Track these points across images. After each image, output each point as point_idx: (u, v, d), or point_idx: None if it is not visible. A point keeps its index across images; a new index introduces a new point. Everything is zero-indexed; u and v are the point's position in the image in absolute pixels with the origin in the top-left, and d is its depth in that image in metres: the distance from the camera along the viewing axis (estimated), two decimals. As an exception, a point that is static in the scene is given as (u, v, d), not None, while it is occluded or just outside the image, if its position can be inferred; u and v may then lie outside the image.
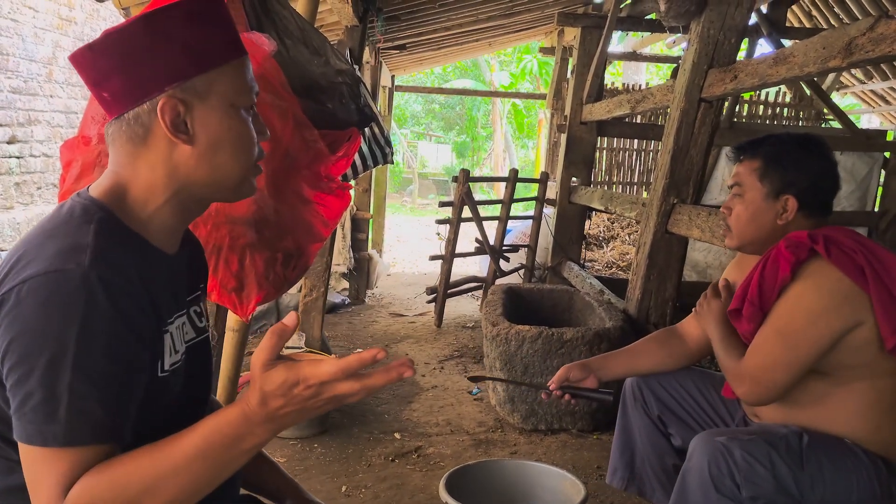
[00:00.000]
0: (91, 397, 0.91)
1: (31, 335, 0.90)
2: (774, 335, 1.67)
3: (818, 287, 1.63)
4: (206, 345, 1.21)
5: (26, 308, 0.90)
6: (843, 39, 2.18)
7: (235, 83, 1.04)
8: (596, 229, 7.66)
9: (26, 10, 5.58)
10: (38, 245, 0.96)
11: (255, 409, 0.90)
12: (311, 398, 0.89)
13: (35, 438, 0.90)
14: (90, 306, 0.91)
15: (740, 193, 1.85)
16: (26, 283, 0.91)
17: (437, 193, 19.48)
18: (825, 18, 7.30)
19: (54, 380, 0.89)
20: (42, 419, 0.90)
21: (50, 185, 6.05)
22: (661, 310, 3.58)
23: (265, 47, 1.75)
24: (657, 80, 16.89)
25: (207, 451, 0.91)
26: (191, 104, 1.01)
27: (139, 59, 0.99)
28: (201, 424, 0.93)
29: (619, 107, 4.52)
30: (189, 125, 1.01)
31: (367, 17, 4.25)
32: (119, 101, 1.00)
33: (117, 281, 0.94)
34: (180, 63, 0.99)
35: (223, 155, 1.04)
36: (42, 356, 0.89)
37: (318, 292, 3.94)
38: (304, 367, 0.88)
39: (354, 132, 2.13)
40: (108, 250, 0.95)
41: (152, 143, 1.02)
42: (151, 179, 1.03)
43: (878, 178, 6.06)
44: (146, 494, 0.90)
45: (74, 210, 1.00)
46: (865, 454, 1.62)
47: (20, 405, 0.91)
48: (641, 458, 2.09)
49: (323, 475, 2.76)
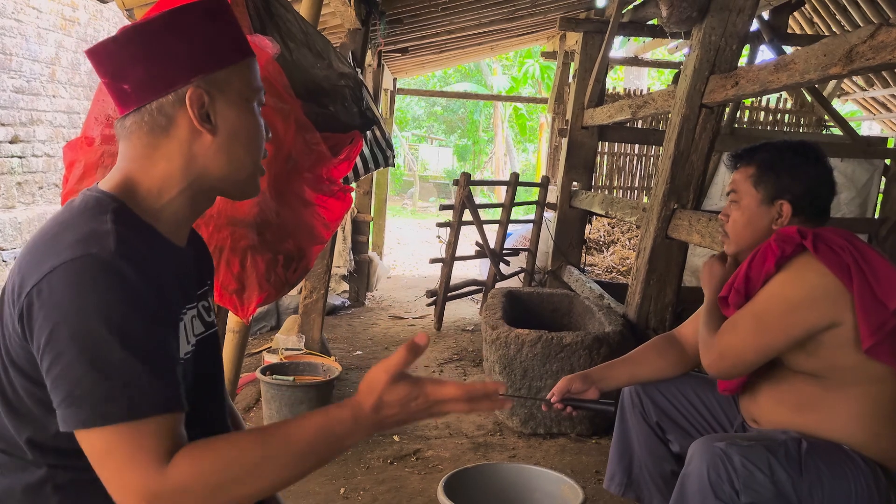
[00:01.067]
0: (143, 371, 0.92)
1: (71, 322, 0.90)
2: (750, 317, 1.71)
3: (800, 279, 1.66)
4: (216, 339, 1.23)
5: (60, 296, 0.91)
6: (844, 47, 2.19)
7: (248, 80, 1.09)
8: (596, 234, 7.66)
9: (30, 11, 5.59)
10: (55, 236, 0.97)
11: (367, 413, 0.97)
12: (419, 410, 0.99)
13: (95, 420, 0.90)
14: (123, 284, 0.92)
15: (736, 200, 1.89)
16: (54, 273, 0.92)
17: (438, 196, 19.50)
18: (827, 25, 7.31)
19: (104, 360, 0.90)
20: (100, 400, 0.90)
21: (52, 185, 6.06)
22: (660, 315, 3.58)
23: (268, 50, 1.76)
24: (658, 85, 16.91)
25: (316, 446, 0.96)
26: (214, 96, 1.05)
27: (164, 51, 1.02)
28: (310, 419, 0.97)
29: (621, 112, 4.52)
30: (212, 116, 1.05)
31: (369, 20, 4.26)
32: (141, 93, 1.03)
33: (141, 260, 0.96)
34: (203, 57, 1.04)
35: (239, 147, 1.08)
36: (86, 340, 0.90)
37: (319, 294, 3.94)
38: (428, 385, 0.98)
39: (356, 135, 2.14)
40: (127, 235, 0.98)
41: (174, 133, 1.05)
42: (168, 170, 1.06)
43: (878, 185, 6.07)
44: (250, 475, 0.94)
45: (88, 202, 1.02)
46: (864, 461, 1.63)
47: (70, 391, 0.91)
48: (639, 463, 2.09)
49: (321, 477, 2.76)
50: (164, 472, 0.91)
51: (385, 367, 0.97)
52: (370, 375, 0.98)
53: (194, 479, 0.91)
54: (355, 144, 2.16)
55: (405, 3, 4.82)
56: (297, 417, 0.98)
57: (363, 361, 4.44)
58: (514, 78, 19.91)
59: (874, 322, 1.57)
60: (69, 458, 0.99)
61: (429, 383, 0.98)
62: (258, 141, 1.11)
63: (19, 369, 0.98)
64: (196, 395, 1.11)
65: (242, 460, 0.94)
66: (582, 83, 5.36)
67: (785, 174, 1.81)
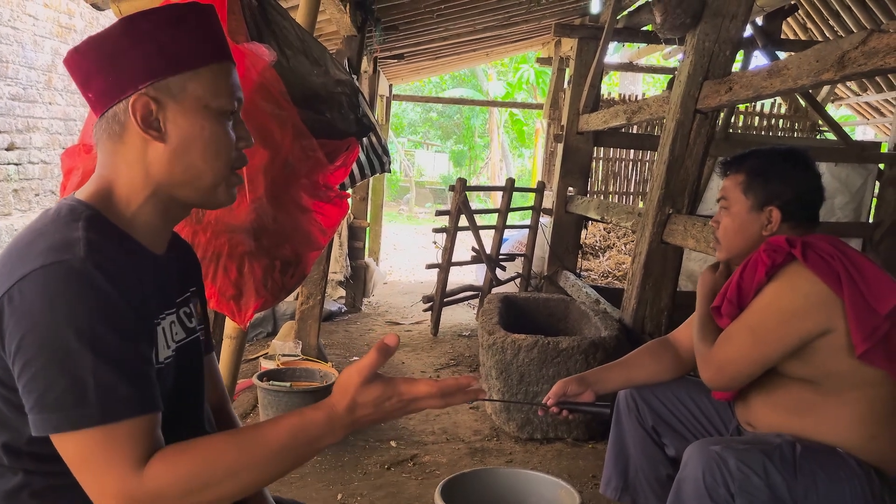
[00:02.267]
0: (114, 375, 0.92)
1: (42, 328, 0.91)
2: (745, 330, 1.73)
3: (793, 288, 1.68)
4: (197, 345, 1.22)
5: (30, 303, 0.92)
6: (836, 53, 2.21)
7: (212, 86, 1.06)
8: (592, 239, 7.68)
9: (26, 18, 5.59)
10: (28, 244, 0.98)
11: (341, 414, 0.99)
12: (394, 409, 1.01)
13: (64, 424, 0.91)
14: (93, 290, 0.93)
15: (727, 207, 1.91)
16: (25, 280, 0.92)
17: (434, 202, 19.51)
18: (820, 31, 7.35)
19: (75, 366, 0.91)
20: (71, 405, 0.91)
21: (48, 192, 6.05)
22: (656, 319, 3.59)
23: (265, 57, 1.77)
24: (653, 90, 16.96)
25: (291, 447, 0.98)
26: (164, 103, 1.03)
27: (117, 59, 1.02)
28: (285, 421, 0.99)
29: (616, 117, 4.54)
30: (161, 123, 1.04)
31: (365, 27, 4.28)
32: (101, 100, 1.04)
33: (112, 267, 0.96)
34: (155, 63, 1.02)
35: (194, 155, 1.06)
36: (57, 346, 0.91)
37: (315, 300, 3.95)
38: (401, 384, 1.00)
39: (353, 142, 2.15)
40: (99, 243, 0.98)
41: (128, 140, 1.05)
42: (130, 177, 1.06)
43: (872, 190, 6.10)
44: (226, 477, 0.95)
45: (61, 210, 1.03)
46: (858, 464, 1.63)
47: (42, 397, 0.91)
48: (635, 468, 2.10)
49: (319, 483, 2.77)
50: (140, 475, 0.92)
51: (357, 368, 0.99)
52: (342, 377, 1.00)
53: (170, 483, 0.93)
54: (352, 151, 2.17)
55: (401, 10, 4.84)
56: (272, 419, 0.99)
57: (360, 367, 4.44)
58: (509, 83, 19.96)
59: (866, 328, 1.59)
60: (45, 463, 0.99)
61: (401, 382, 1.00)
62: (218, 149, 1.07)
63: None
64: (176, 400, 1.11)
65: (218, 463, 0.95)
66: (577, 89, 5.38)
67: (774, 181, 1.83)
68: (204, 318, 1.30)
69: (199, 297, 1.28)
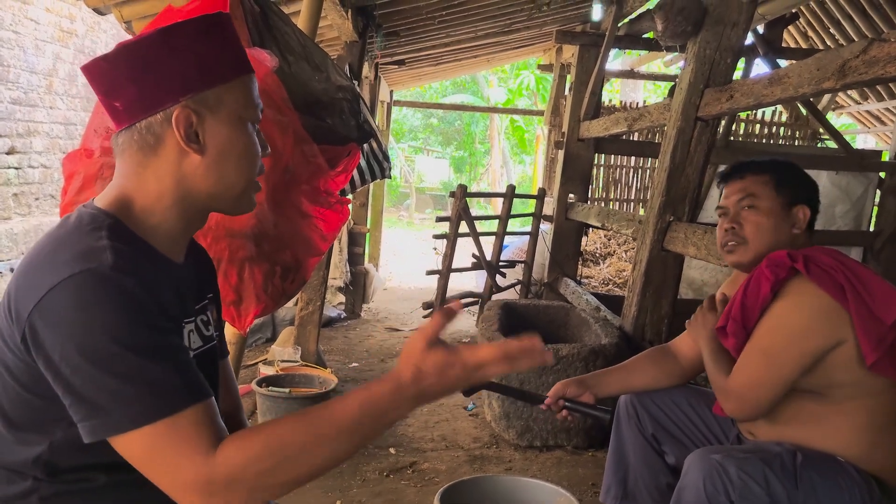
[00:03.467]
0: (161, 369, 0.93)
1: (80, 336, 0.91)
2: (758, 354, 1.70)
3: (799, 305, 1.67)
4: (213, 353, 1.23)
5: (63, 314, 0.92)
6: (837, 61, 2.21)
7: (243, 98, 1.08)
8: (592, 246, 7.68)
9: (28, 22, 5.60)
10: (51, 253, 0.98)
11: (408, 383, 0.96)
12: (458, 379, 0.96)
13: (127, 424, 0.91)
14: (124, 294, 0.93)
15: (754, 205, 1.85)
16: (54, 291, 0.92)
17: (435, 208, 19.52)
18: (821, 39, 7.36)
19: (120, 368, 0.91)
20: (126, 404, 0.91)
21: (48, 197, 6.05)
22: (656, 327, 3.59)
23: (267, 63, 1.77)
24: (654, 98, 16.98)
25: (363, 420, 0.96)
26: (203, 115, 1.04)
27: (154, 71, 1.02)
28: (353, 396, 0.97)
29: (617, 124, 4.54)
30: (200, 136, 1.05)
31: (366, 33, 4.29)
32: (132, 111, 1.03)
33: (139, 273, 0.97)
34: (193, 76, 1.03)
35: (229, 166, 1.07)
36: (99, 351, 0.91)
37: (315, 306, 3.94)
38: (463, 350, 0.96)
39: (354, 148, 2.15)
40: (124, 251, 0.98)
41: (162, 152, 1.05)
42: (158, 189, 1.06)
43: (873, 198, 6.10)
44: (300, 456, 0.94)
45: (83, 219, 1.03)
46: (858, 473, 1.63)
47: (94, 403, 0.91)
48: (635, 475, 2.09)
49: (317, 489, 2.76)
50: (212, 460, 0.92)
51: (421, 331, 0.97)
52: (407, 344, 0.98)
53: (244, 464, 0.92)
54: (353, 157, 2.17)
55: (402, 16, 4.85)
56: (339, 397, 0.98)
57: (359, 373, 4.44)
58: (510, 90, 19.99)
59: (874, 338, 1.58)
60: (55, 469, 0.99)
61: (464, 349, 0.96)
62: (250, 159, 1.10)
63: (16, 378, 0.98)
64: None
65: (290, 440, 0.94)
66: (578, 96, 5.38)
67: (801, 180, 1.85)
68: (219, 324, 1.30)
69: (215, 304, 1.28)
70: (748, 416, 1.78)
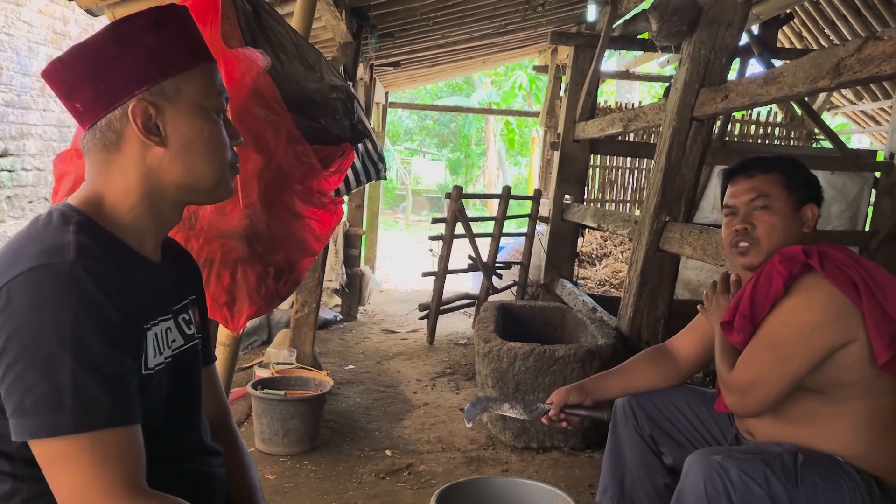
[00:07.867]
0: (94, 382, 0.92)
1: (27, 330, 0.91)
2: (766, 348, 1.67)
3: (811, 301, 1.64)
4: (195, 353, 1.22)
5: (18, 305, 0.91)
6: (832, 60, 2.20)
7: (203, 87, 1.07)
8: (589, 247, 7.68)
9: (21, 25, 5.59)
10: (19, 247, 0.98)
11: None
12: None
13: (41, 430, 0.90)
14: (80, 295, 0.92)
15: (767, 205, 1.80)
16: (13, 282, 0.92)
17: (431, 210, 19.52)
18: (815, 39, 7.37)
19: (55, 371, 0.90)
20: (48, 410, 0.90)
21: (42, 199, 6.03)
22: (653, 327, 3.58)
23: (259, 62, 1.75)
24: (649, 98, 17.01)
25: None
26: (161, 107, 1.04)
27: (108, 67, 1.02)
28: None
29: (612, 125, 4.54)
30: (161, 127, 1.04)
31: (360, 34, 4.28)
32: (91, 110, 1.03)
33: (101, 271, 0.96)
34: (147, 68, 1.02)
35: (195, 156, 1.07)
36: (40, 349, 0.90)
37: (310, 308, 3.93)
38: None
39: (347, 148, 2.14)
40: (89, 247, 0.98)
41: (125, 147, 1.04)
42: (125, 185, 1.05)
43: (868, 198, 6.09)
44: None
45: (53, 215, 1.03)
46: (859, 473, 1.62)
47: (21, 401, 0.91)
48: (632, 477, 2.08)
49: (313, 492, 2.74)
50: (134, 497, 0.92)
51: None
52: None
53: None
54: (346, 157, 2.16)
55: (397, 17, 4.85)
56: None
57: (355, 376, 4.42)
58: (505, 92, 19.99)
59: (887, 337, 1.57)
60: (37, 469, 0.97)
61: None
62: (217, 148, 1.09)
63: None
64: (172, 406, 1.11)
65: None
66: (573, 97, 5.38)
67: (807, 179, 1.83)
68: (203, 328, 1.29)
69: (198, 306, 1.28)
70: (750, 412, 1.75)
